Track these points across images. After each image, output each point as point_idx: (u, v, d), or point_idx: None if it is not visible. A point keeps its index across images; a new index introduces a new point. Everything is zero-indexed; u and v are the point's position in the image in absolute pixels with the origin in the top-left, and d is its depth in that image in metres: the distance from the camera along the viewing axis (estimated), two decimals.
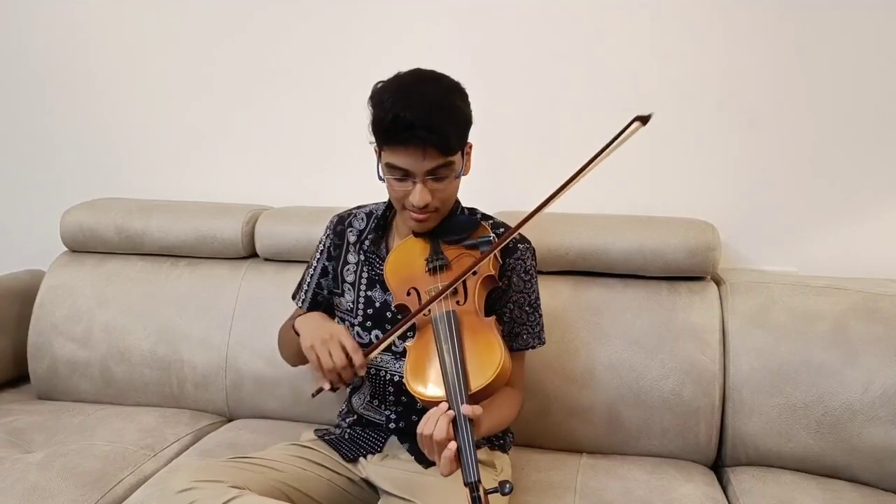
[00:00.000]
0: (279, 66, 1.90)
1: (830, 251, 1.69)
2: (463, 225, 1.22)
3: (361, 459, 1.27)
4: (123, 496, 1.35)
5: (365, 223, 1.33)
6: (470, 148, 1.20)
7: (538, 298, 1.28)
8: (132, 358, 1.72)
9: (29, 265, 2.00)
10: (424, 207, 1.13)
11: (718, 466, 1.52)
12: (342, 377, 1.12)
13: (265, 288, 1.71)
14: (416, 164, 1.10)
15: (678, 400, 1.48)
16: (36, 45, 2.03)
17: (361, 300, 1.28)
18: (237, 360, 1.68)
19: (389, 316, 1.25)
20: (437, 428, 0.95)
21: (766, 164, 1.69)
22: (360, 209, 1.36)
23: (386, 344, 1.14)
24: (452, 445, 0.94)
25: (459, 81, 1.16)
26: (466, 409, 0.96)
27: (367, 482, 1.25)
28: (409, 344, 1.12)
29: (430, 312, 1.10)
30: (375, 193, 1.32)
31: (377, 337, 1.26)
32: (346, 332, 1.14)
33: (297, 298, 1.40)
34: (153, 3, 1.93)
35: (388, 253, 1.26)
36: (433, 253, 1.18)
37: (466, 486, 0.90)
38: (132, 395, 1.74)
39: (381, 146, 1.14)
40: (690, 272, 1.55)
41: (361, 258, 1.30)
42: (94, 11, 1.97)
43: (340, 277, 1.32)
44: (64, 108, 2.05)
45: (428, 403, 1.02)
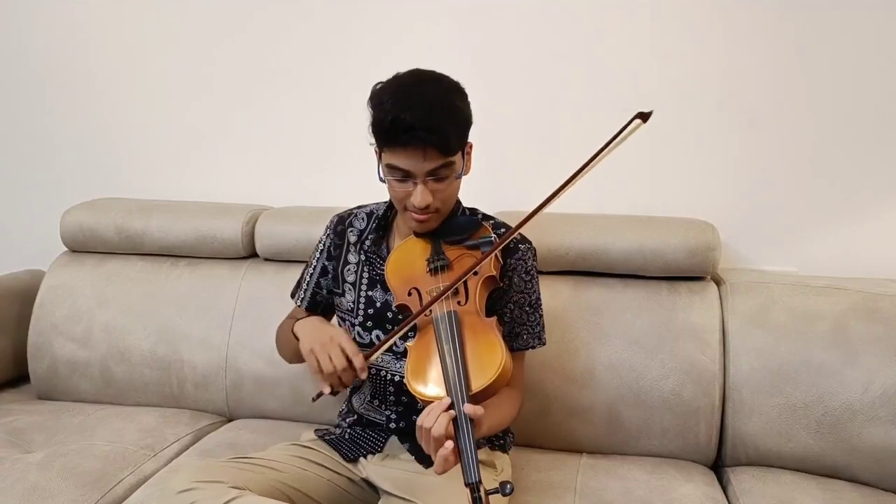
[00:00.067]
0: (279, 66, 1.90)
1: (830, 251, 1.69)
2: (464, 225, 1.22)
3: (362, 459, 1.26)
4: (123, 496, 1.35)
5: (365, 223, 1.33)
6: (470, 148, 1.20)
7: (539, 299, 1.28)
8: (132, 358, 1.72)
9: (29, 265, 2.00)
10: (425, 208, 1.13)
11: (718, 466, 1.52)
12: (343, 381, 1.12)
13: (265, 288, 1.71)
14: (416, 164, 1.10)
15: (678, 400, 1.48)
16: (36, 45, 2.02)
17: (362, 300, 1.28)
18: (237, 360, 1.68)
19: (390, 316, 1.25)
20: (436, 423, 0.95)
21: (766, 164, 1.69)
22: (360, 209, 1.36)
23: (387, 346, 1.14)
24: (449, 445, 0.94)
25: (459, 81, 1.16)
26: (469, 408, 0.96)
27: (367, 482, 1.25)
28: (409, 344, 1.12)
29: (431, 313, 1.10)
30: (375, 193, 1.32)
31: (378, 337, 1.26)
32: (345, 335, 1.14)
33: (295, 297, 1.40)
34: (153, 3, 1.93)
35: (388, 253, 1.26)
36: (434, 253, 1.18)
37: (467, 486, 0.90)
38: (132, 395, 1.74)
39: (381, 147, 1.14)
40: (690, 272, 1.55)
41: (362, 258, 1.30)
42: (94, 11, 1.97)
43: (341, 277, 1.32)
44: (64, 108, 2.05)
45: (428, 404, 1.01)
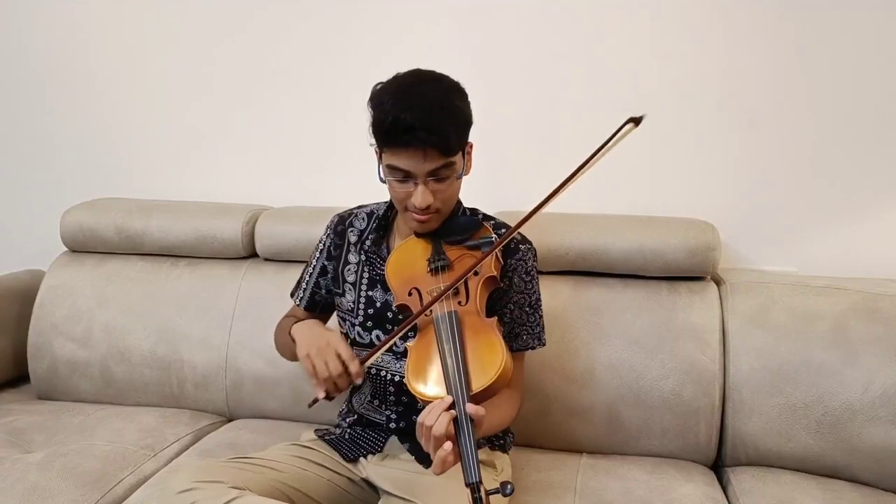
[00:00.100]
0: (279, 66, 1.90)
1: (830, 251, 1.69)
2: (465, 225, 1.22)
3: (362, 459, 1.26)
4: (123, 496, 1.35)
5: (366, 223, 1.33)
6: (471, 148, 1.20)
7: (539, 300, 1.28)
8: (132, 358, 1.72)
9: (29, 265, 2.00)
10: (426, 209, 1.13)
11: (718, 466, 1.52)
12: (338, 386, 1.13)
13: (265, 288, 1.71)
14: (416, 165, 1.10)
15: (678, 400, 1.48)
16: (36, 45, 2.02)
17: (362, 300, 1.28)
18: (237, 360, 1.68)
19: (390, 316, 1.25)
20: (437, 423, 0.94)
21: (766, 164, 1.69)
22: (360, 209, 1.36)
23: (383, 350, 1.14)
24: (448, 446, 0.93)
25: (459, 81, 1.16)
26: (471, 408, 0.95)
27: (367, 482, 1.25)
28: (410, 344, 1.12)
29: (431, 313, 1.10)
30: (375, 193, 1.32)
31: (378, 337, 1.26)
32: (342, 340, 1.14)
33: (294, 296, 1.41)
34: (153, 3, 1.93)
35: (388, 253, 1.26)
36: (435, 253, 1.17)
37: (467, 486, 0.90)
38: (132, 395, 1.74)
39: (381, 148, 1.14)
40: (690, 272, 1.55)
41: (362, 258, 1.30)
42: (94, 11, 1.97)
43: (341, 277, 1.32)
44: (64, 108, 2.04)
45: (429, 404, 1.01)
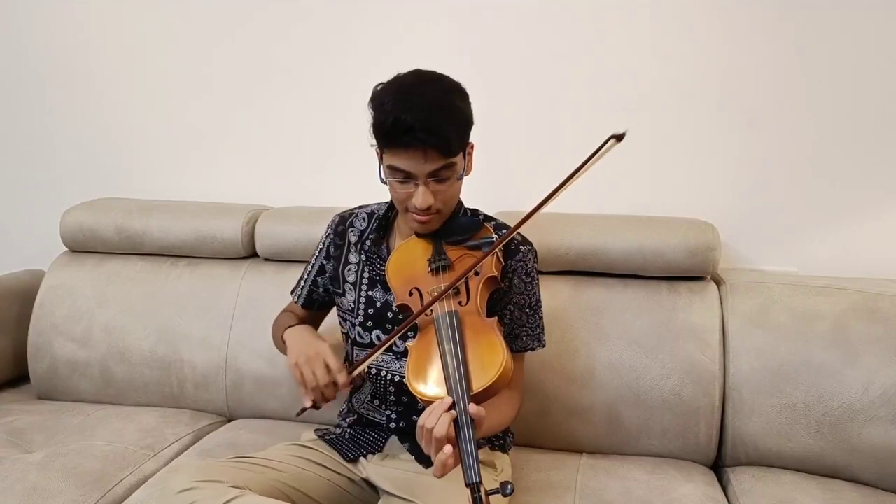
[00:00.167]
0: (279, 66, 1.90)
1: (830, 251, 1.69)
2: (465, 226, 1.22)
3: (362, 459, 1.27)
4: (123, 496, 1.35)
5: (366, 223, 1.33)
6: (471, 148, 1.20)
7: (539, 301, 1.28)
8: (132, 358, 1.72)
9: (29, 265, 2.00)
10: (427, 209, 1.13)
11: (718, 466, 1.52)
12: (325, 396, 1.14)
13: (265, 288, 1.71)
14: (417, 166, 1.10)
15: (678, 400, 1.48)
16: (36, 45, 2.02)
17: (363, 300, 1.28)
18: (237, 360, 1.68)
19: (391, 316, 1.25)
20: (438, 424, 0.94)
21: (766, 164, 1.69)
22: (361, 209, 1.37)
23: (371, 360, 1.14)
24: (448, 449, 0.93)
25: (459, 82, 1.16)
26: (471, 408, 0.95)
27: (367, 482, 1.25)
28: (410, 344, 1.11)
29: (432, 313, 1.10)
30: (376, 193, 1.32)
31: (378, 337, 1.26)
32: (330, 350, 1.15)
33: (294, 294, 1.42)
34: (153, 3, 1.93)
35: (388, 253, 1.26)
36: (435, 253, 1.18)
37: (468, 486, 0.90)
38: (132, 395, 1.74)
39: (382, 149, 1.14)
40: (690, 272, 1.55)
41: (362, 258, 1.30)
42: (94, 11, 1.97)
43: (342, 277, 1.32)
44: (64, 108, 2.04)
45: (429, 404, 1.01)
